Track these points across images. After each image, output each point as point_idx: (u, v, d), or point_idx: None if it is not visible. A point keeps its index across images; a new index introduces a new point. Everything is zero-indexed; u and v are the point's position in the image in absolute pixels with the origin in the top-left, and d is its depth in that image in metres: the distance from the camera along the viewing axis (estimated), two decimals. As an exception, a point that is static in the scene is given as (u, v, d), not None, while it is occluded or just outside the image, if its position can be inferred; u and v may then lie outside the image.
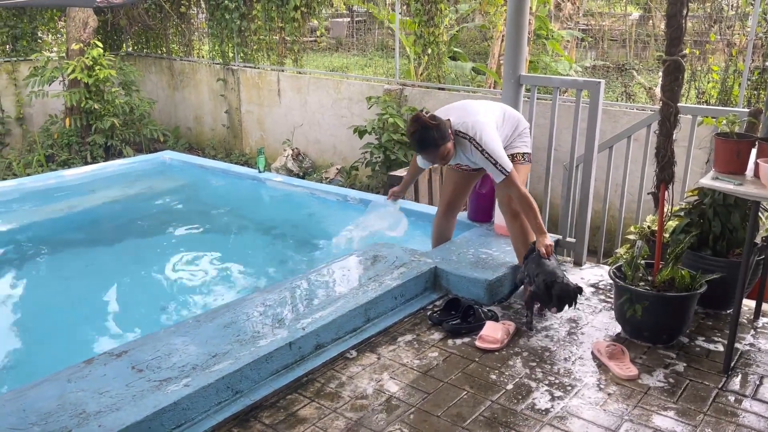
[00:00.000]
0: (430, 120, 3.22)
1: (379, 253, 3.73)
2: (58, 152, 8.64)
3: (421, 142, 3.25)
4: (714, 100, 5.80)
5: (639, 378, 2.73)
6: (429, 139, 3.22)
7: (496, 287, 3.46)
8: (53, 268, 4.66)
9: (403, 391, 2.65)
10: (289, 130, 8.67)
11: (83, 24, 8.54)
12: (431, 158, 3.41)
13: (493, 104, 3.57)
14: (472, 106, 3.46)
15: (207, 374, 2.51)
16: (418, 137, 3.24)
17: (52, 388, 2.41)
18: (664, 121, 2.87)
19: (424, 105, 7.18)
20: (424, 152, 3.36)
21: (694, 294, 2.94)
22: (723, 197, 3.16)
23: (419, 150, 3.40)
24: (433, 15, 7.20)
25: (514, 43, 3.92)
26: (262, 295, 3.20)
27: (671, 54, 2.77)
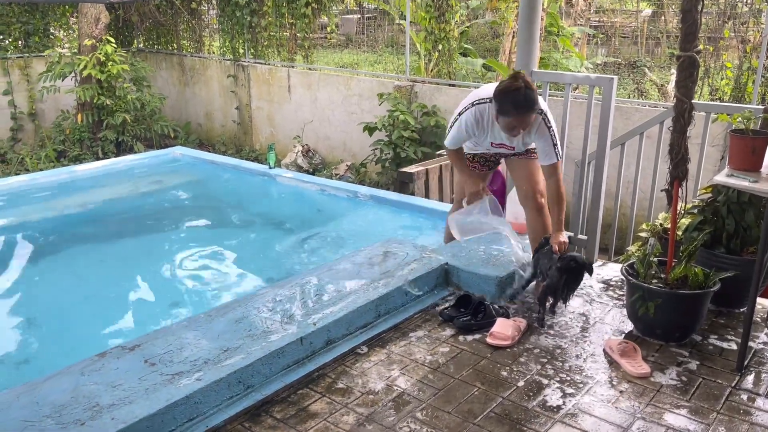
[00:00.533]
0: (530, 80, 3.04)
1: (390, 249, 3.73)
2: (70, 148, 8.69)
3: (525, 100, 2.98)
4: (727, 97, 5.75)
5: (651, 376, 2.72)
6: (532, 99, 2.99)
7: (507, 284, 3.45)
8: (65, 263, 4.69)
9: (414, 386, 2.65)
10: (299, 126, 8.68)
11: (95, 20, 8.58)
12: (518, 123, 3.07)
13: None
14: None
15: (219, 369, 2.52)
16: (522, 95, 2.97)
17: (66, 381, 2.43)
18: (678, 118, 2.84)
19: (434, 101, 7.17)
20: (521, 113, 3.02)
21: (707, 292, 2.92)
22: (737, 195, 3.14)
23: (517, 110, 3.01)
24: (444, 11, 7.18)
25: (526, 39, 3.90)
26: (273, 290, 3.21)
27: (686, 49, 2.75)
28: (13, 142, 9.03)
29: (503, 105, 3.05)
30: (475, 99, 3.29)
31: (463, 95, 7.07)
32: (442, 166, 5.42)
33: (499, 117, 3.12)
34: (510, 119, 3.07)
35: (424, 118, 6.94)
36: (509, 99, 3.01)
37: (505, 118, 3.08)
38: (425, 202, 5.08)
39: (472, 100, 3.29)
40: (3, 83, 8.91)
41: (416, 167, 5.36)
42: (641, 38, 11.79)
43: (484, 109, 3.24)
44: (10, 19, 9.12)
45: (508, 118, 3.07)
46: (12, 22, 9.14)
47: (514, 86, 2.99)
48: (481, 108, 3.24)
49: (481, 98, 3.25)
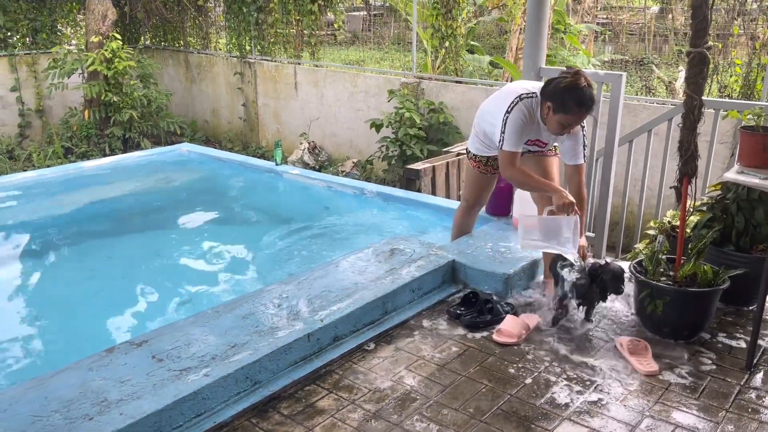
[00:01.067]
0: (590, 79, 2.97)
1: (397, 246, 3.72)
2: (78, 144, 8.72)
3: (591, 98, 2.94)
4: (736, 94, 5.72)
5: (659, 374, 2.70)
6: (594, 98, 2.95)
7: (515, 281, 3.44)
8: (73, 259, 4.71)
9: (421, 383, 2.64)
10: (305, 123, 8.68)
11: (102, 17, 8.60)
12: (575, 121, 3.00)
13: None
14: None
15: (226, 364, 2.52)
16: (589, 93, 2.92)
17: (74, 376, 2.43)
18: (688, 114, 2.82)
19: (441, 98, 7.16)
20: (582, 111, 2.96)
21: (716, 290, 2.90)
22: (747, 192, 3.12)
23: (579, 107, 2.93)
24: (451, 8, 7.16)
25: (534, 36, 3.88)
26: (280, 286, 3.21)
27: (696, 46, 2.73)
28: (21, 139, 9.06)
29: (566, 102, 2.95)
30: (521, 93, 3.13)
31: (469, 92, 7.07)
32: (449, 163, 5.41)
33: (556, 114, 3.00)
34: (569, 116, 2.98)
35: (431, 115, 6.92)
36: (574, 96, 2.92)
37: (564, 115, 2.98)
38: (432, 199, 5.06)
39: (519, 94, 3.12)
40: (11, 80, 8.95)
41: (423, 164, 5.35)
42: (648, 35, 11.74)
43: (531, 104, 3.10)
44: (17, 15, 9.15)
45: (568, 115, 2.97)
46: (19, 18, 9.17)
47: (580, 84, 2.91)
48: (528, 102, 3.10)
49: (528, 92, 3.12)
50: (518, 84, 3.29)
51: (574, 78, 2.93)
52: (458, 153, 5.64)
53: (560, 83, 2.97)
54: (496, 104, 3.25)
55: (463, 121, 7.06)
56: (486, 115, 3.36)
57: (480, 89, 7.06)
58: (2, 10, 8.92)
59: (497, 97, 3.30)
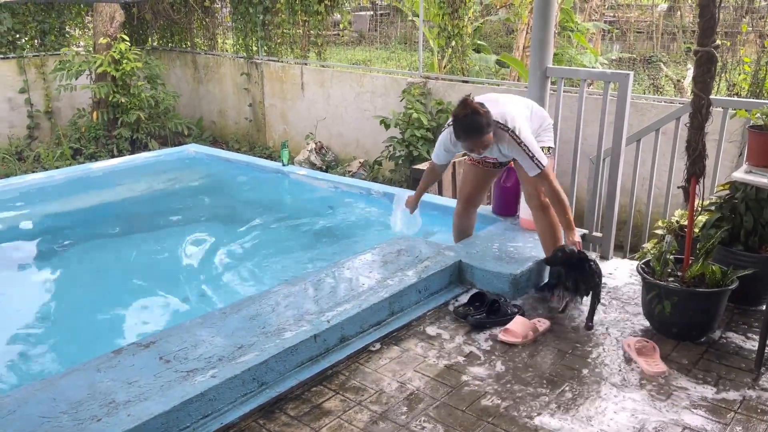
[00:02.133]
0: (479, 105, 3.14)
1: (403, 246, 3.72)
2: (86, 145, 8.76)
3: (470, 126, 3.14)
4: (745, 93, 5.68)
5: (667, 374, 2.69)
6: (477, 125, 3.12)
7: (522, 281, 3.43)
8: (81, 259, 4.73)
9: (427, 384, 2.64)
10: (312, 123, 8.68)
11: (110, 18, 8.64)
12: (471, 145, 3.24)
13: (521, 99, 3.56)
14: (504, 99, 3.42)
15: (233, 366, 2.52)
16: (467, 122, 3.13)
17: (82, 378, 2.45)
18: (695, 114, 2.81)
19: (448, 98, 7.14)
20: (468, 137, 3.19)
21: (725, 290, 2.88)
22: (755, 191, 3.10)
23: (465, 135, 3.20)
24: (457, 7, 7.15)
25: (540, 35, 3.87)
26: (286, 287, 3.22)
27: (704, 45, 2.71)
28: (30, 140, 9.11)
29: (455, 131, 3.24)
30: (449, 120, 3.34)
31: (476, 91, 7.03)
32: (455, 162, 5.40)
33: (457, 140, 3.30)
34: (463, 143, 3.26)
35: (439, 115, 6.91)
36: (458, 126, 3.19)
37: (460, 141, 3.28)
38: (438, 199, 5.05)
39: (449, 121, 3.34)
40: (19, 81, 8.99)
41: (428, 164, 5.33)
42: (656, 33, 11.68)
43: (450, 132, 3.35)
44: (26, 18, 9.19)
45: (462, 142, 3.26)
46: (28, 21, 9.21)
47: (459, 113, 3.15)
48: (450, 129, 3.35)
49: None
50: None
51: (457, 109, 3.18)
52: (464, 153, 5.63)
53: (452, 113, 3.23)
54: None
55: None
56: None
57: (487, 88, 7.04)
58: (11, 13, 8.97)
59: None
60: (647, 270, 3.06)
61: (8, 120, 8.97)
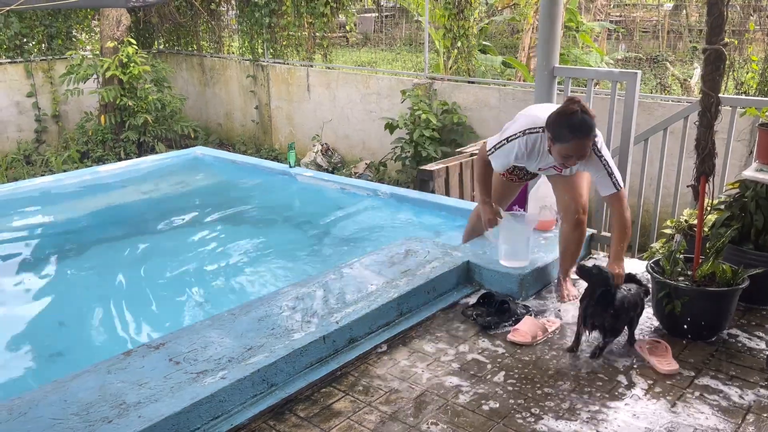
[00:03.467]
0: (586, 105, 2.87)
1: (411, 247, 3.71)
2: (93, 149, 8.81)
3: (584, 124, 2.80)
4: (753, 91, 5.65)
5: (680, 373, 2.67)
6: (590, 125, 2.82)
7: (530, 281, 3.42)
8: (91, 262, 4.75)
9: (437, 385, 2.63)
10: (318, 125, 8.70)
11: (117, 22, 8.68)
12: (576, 149, 2.86)
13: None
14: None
15: (243, 367, 2.53)
16: (581, 119, 2.80)
17: (93, 379, 2.45)
18: (704, 112, 2.80)
19: (453, 99, 7.14)
20: (575, 137, 2.83)
21: (735, 289, 2.87)
22: (766, 189, 3.08)
23: (573, 134, 2.83)
24: (462, 8, 7.15)
25: (547, 35, 3.86)
26: (295, 288, 3.22)
27: (712, 43, 2.70)
28: (37, 144, 9.16)
29: (559, 129, 2.87)
30: (527, 127, 3.09)
31: (482, 92, 7.05)
32: (462, 163, 5.39)
33: (555, 144, 2.91)
34: (566, 145, 2.87)
35: (444, 116, 6.91)
36: (566, 123, 2.83)
37: (561, 144, 2.88)
38: (446, 200, 5.06)
39: (524, 128, 3.09)
40: (27, 86, 9.05)
41: (436, 165, 5.35)
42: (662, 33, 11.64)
43: (536, 139, 3.07)
44: (33, 22, 9.25)
45: (565, 144, 2.86)
46: (35, 25, 9.27)
47: (570, 109, 2.83)
48: (533, 137, 3.07)
49: (532, 127, 3.07)
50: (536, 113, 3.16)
51: (565, 106, 2.87)
52: (471, 153, 5.63)
53: (553, 111, 2.92)
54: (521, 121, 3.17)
55: (476, 122, 7.04)
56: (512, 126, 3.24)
57: (493, 89, 7.03)
58: (18, 17, 9.03)
59: (522, 116, 3.22)
60: (657, 269, 3.04)
61: (16, 124, 9.03)
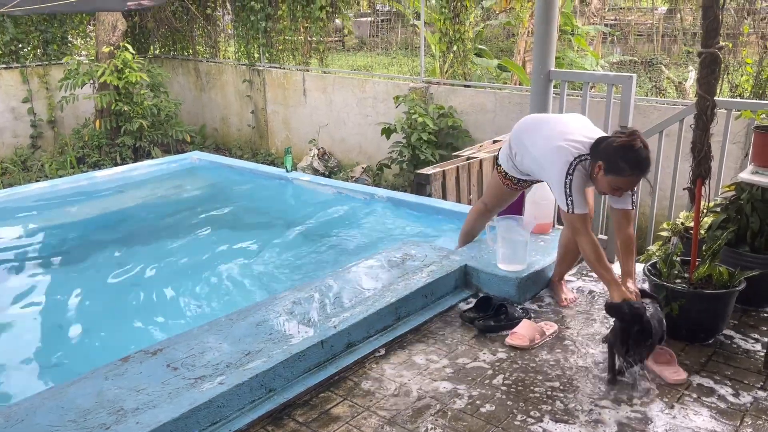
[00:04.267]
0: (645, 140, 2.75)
1: (408, 251, 3.72)
2: (89, 154, 8.79)
3: (646, 161, 2.72)
4: (748, 94, 5.68)
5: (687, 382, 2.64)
6: (650, 162, 2.74)
7: (527, 285, 3.43)
8: (87, 267, 4.73)
9: (436, 389, 2.63)
10: (314, 129, 8.70)
11: (112, 27, 8.68)
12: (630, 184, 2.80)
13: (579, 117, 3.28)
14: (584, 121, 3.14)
15: (241, 372, 2.52)
16: (644, 156, 2.71)
17: (90, 386, 2.44)
18: (700, 115, 2.81)
19: (449, 102, 7.16)
20: (639, 175, 2.75)
21: (732, 291, 2.88)
22: (761, 192, 3.09)
23: (637, 172, 2.73)
24: (458, 12, 7.17)
25: (543, 39, 3.88)
26: (292, 293, 3.21)
27: (708, 46, 2.72)
28: (33, 149, 9.14)
29: (619, 163, 2.72)
30: (577, 154, 2.90)
31: (478, 96, 7.06)
32: (459, 167, 5.40)
33: (607, 175, 2.77)
34: (621, 179, 2.75)
35: (441, 120, 6.93)
36: (629, 158, 2.70)
37: (616, 177, 2.75)
38: (442, 204, 5.06)
39: (574, 156, 2.89)
40: (23, 91, 9.04)
41: (433, 169, 5.35)
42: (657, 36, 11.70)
43: (586, 166, 2.90)
44: (28, 27, 9.24)
45: (620, 177, 2.74)
46: (30, 30, 9.26)
47: (635, 145, 2.69)
48: (585, 164, 2.90)
49: (581, 154, 2.89)
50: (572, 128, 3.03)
51: (629, 138, 2.71)
52: (468, 157, 5.64)
53: (613, 142, 2.75)
54: (548, 149, 3.00)
55: (472, 125, 7.06)
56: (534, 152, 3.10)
57: (488, 93, 7.05)
58: (13, 22, 9.02)
59: (548, 139, 3.02)
60: (654, 272, 3.05)
61: (12, 129, 9.01)
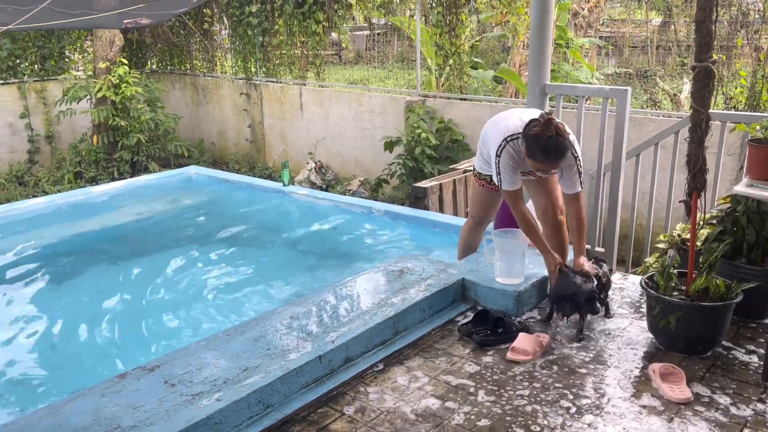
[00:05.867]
0: (563, 127, 3.03)
1: (406, 265, 3.72)
2: (86, 169, 8.80)
3: (557, 149, 2.99)
4: (742, 106, 5.72)
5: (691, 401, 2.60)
6: (564, 147, 3.00)
7: (525, 298, 3.42)
8: (84, 283, 4.73)
9: (434, 404, 2.63)
10: (311, 143, 8.72)
11: (110, 43, 8.72)
12: (549, 167, 3.11)
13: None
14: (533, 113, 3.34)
15: (238, 388, 2.51)
16: (555, 143, 2.97)
17: (87, 403, 2.43)
18: (695, 128, 2.83)
19: (446, 116, 7.19)
20: (552, 160, 3.05)
21: (730, 303, 2.88)
22: (757, 204, 3.10)
23: (550, 157, 3.02)
24: (454, 26, 7.22)
25: (538, 52, 3.90)
26: (290, 308, 3.21)
27: (701, 60, 2.74)
28: (30, 165, 9.15)
29: (533, 151, 3.04)
30: (506, 135, 3.22)
31: (474, 109, 7.09)
32: (456, 180, 5.42)
33: (528, 158, 3.11)
34: (538, 164, 3.09)
35: (441, 134, 6.95)
36: (540, 146, 3.00)
37: (533, 162, 3.09)
38: (440, 217, 5.07)
39: (504, 136, 3.21)
40: (20, 106, 9.05)
41: (430, 182, 5.37)
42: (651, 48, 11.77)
43: (517, 144, 3.19)
44: (26, 43, 9.27)
45: (537, 162, 3.08)
46: (28, 46, 9.29)
47: (546, 134, 2.96)
48: (514, 144, 3.20)
49: (512, 134, 3.20)
50: (514, 114, 3.31)
51: (541, 128, 2.98)
52: (465, 170, 5.66)
53: (529, 131, 3.03)
54: (494, 134, 3.31)
55: (469, 138, 7.07)
56: (487, 141, 3.42)
57: (485, 106, 7.09)
58: (11, 38, 9.05)
59: (495, 124, 3.35)
60: (651, 284, 3.06)
61: (9, 145, 9.02)
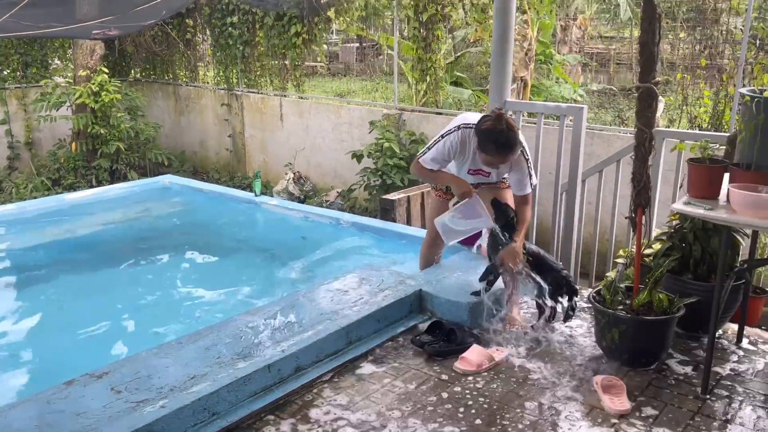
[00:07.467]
0: (513, 122, 3.13)
1: (366, 275, 3.76)
2: (65, 176, 8.79)
3: (508, 142, 3.06)
4: (705, 125, 5.83)
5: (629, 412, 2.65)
6: (514, 141, 3.07)
7: (480, 311, 3.47)
8: (48, 290, 4.73)
9: (383, 414, 2.66)
10: (291, 153, 8.77)
11: (91, 51, 8.75)
12: (499, 161, 3.17)
13: None
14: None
15: (184, 396, 2.54)
16: (506, 137, 3.04)
17: (32, 409, 2.46)
18: (639, 147, 2.91)
19: (422, 129, 7.27)
20: (503, 154, 3.11)
21: (671, 317, 2.95)
22: (702, 222, 3.18)
23: (501, 151, 3.09)
24: (430, 42, 7.31)
25: (498, 70, 3.99)
26: (246, 317, 3.24)
27: (644, 81, 2.83)
28: (10, 171, 9.13)
29: (484, 144, 3.12)
30: (461, 123, 3.32)
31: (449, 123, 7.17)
32: (424, 193, 5.48)
33: (479, 152, 3.21)
34: (488, 157, 3.18)
35: (412, 146, 7.03)
36: (491, 139, 3.08)
37: (485, 155, 3.18)
38: (406, 229, 5.13)
39: (458, 124, 3.33)
40: (0, 113, 9.05)
41: (398, 194, 5.43)
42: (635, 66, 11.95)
43: (469, 134, 3.28)
44: (8, 50, 9.29)
45: (488, 156, 3.17)
46: (10, 53, 9.30)
47: (497, 128, 3.05)
48: (467, 132, 3.29)
49: (467, 123, 3.29)
50: (472, 114, 3.42)
51: (492, 122, 3.07)
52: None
53: (481, 125, 3.13)
54: (450, 125, 3.40)
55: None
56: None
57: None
58: (-7, 45, 9.07)
59: (455, 119, 3.45)
60: (598, 299, 3.12)
61: (-13, 151, 9.00)
